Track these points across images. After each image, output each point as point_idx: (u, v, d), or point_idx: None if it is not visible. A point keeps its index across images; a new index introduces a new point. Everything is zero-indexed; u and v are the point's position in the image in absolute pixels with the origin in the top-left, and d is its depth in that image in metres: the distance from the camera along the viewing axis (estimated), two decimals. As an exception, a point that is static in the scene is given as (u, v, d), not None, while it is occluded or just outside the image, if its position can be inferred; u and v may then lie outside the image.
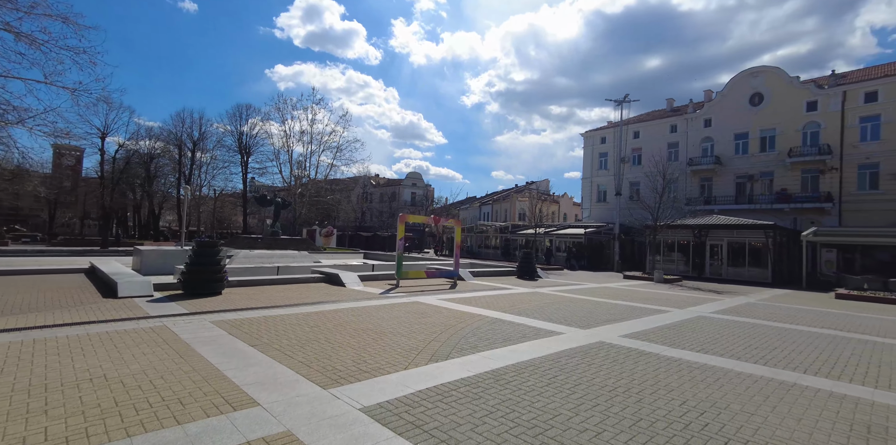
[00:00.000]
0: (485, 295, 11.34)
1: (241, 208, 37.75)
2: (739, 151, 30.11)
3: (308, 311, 7.95)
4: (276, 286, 11.30)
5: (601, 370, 5.01)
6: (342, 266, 16.42)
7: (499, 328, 7.16)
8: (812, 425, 3.65)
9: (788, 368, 5.44)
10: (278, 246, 23.75)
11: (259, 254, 20.66)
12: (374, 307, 8.74)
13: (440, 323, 7.39)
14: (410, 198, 52.72)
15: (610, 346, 6.22)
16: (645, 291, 14.44)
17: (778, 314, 10.38)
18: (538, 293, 12.52)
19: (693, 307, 10.91)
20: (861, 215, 24.89)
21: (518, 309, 9.34)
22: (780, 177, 28.09)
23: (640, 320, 8.60)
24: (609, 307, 10.25)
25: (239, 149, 34.74)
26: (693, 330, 7.74)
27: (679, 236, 23.51)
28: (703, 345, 6.56)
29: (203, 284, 9.32)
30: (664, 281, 18.00)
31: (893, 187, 24.18)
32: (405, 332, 6.53)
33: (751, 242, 20.98)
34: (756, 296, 14.26)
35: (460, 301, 10.16)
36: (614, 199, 29.73)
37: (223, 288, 9.78)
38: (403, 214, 13.02)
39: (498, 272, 18.27)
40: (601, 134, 38.04)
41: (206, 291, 9.38)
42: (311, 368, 4.59)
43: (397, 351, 5.41)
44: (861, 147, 25.57)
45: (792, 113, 28.21)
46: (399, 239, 12.70)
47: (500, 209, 53.22)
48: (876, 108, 25.41)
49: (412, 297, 10.36)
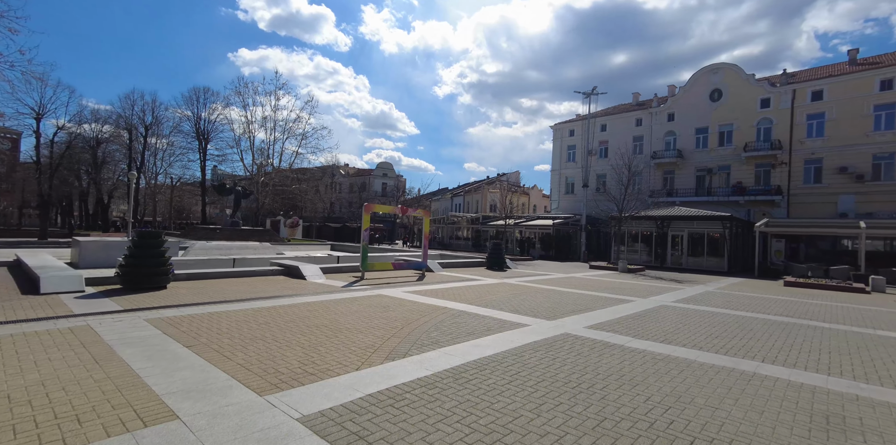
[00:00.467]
0: (452, 287, 11.05)
1: (200, 197, 35.60)
2: (700, 145, 31.12)
3: (260, 306, 7.36)
4: (230, 279, 10.55)
5: (565, 364, 4.79)
6: (304, 258, 15.71)
7: (464, 321, 6.86)
8: (774, 417, 3.55)
9: (748, 357, 5.43)
10: (238, 238, 22.59)
11: (217, 246, 19.54)
12: (333, 301, 8.24)
13: (402, 317, 7.01)
14: (381, 188, 51.63)
15: (575, 338, 6.05)
16: (610, 281, 14.61)
17: (734, 302, 10.67)
18: (506, 284, 12.37)
19: (656, 296, 11.05)
20: (806, 207, 26.37)
21: (485, 300, 9.09)
22: (736, 170, 29.28)
23: (606, 310, 8.55)
24: (575, 297, 10.19)
25: (196, 135, 32.51)
26: (656, 320, 7.74)
27: (643, 227, 24.10)
28: (667, 335, 6.51)
29: (144, 278, 8.50)
30: (628, 271, 18.36)
31: (835, 181, 25.69)
32: (363, 328, 6.11)
33: (709, 233, 21.76)
34: (714, 285, 14.72)
35: (427, 293, 9.81)
36: (582, 191, 30.13)
37: (168, 282, 8.99)
38: (369, 204, 12.46)
39: (467, 263, 18.06)
40: (570, 126, 38.40)
41: (148, 286, 8.57)
42: (251, 371, 4.10)
43: (351, 350, 4.99)
44: (807, 143, 26.96)
45: (747, 109, 29.35)
46: (364, 230, 12.16)
47: (472, 200, 53.15)
48: (821, 107, 26.78)
49: (376, 290, 9.92)
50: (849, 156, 25.43)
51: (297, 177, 44.81)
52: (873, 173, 24.74)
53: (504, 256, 17.74)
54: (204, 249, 18.58)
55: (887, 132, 24.52)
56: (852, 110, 25.62)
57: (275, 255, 18.28)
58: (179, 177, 38.75)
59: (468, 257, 20.52)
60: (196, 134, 32.47)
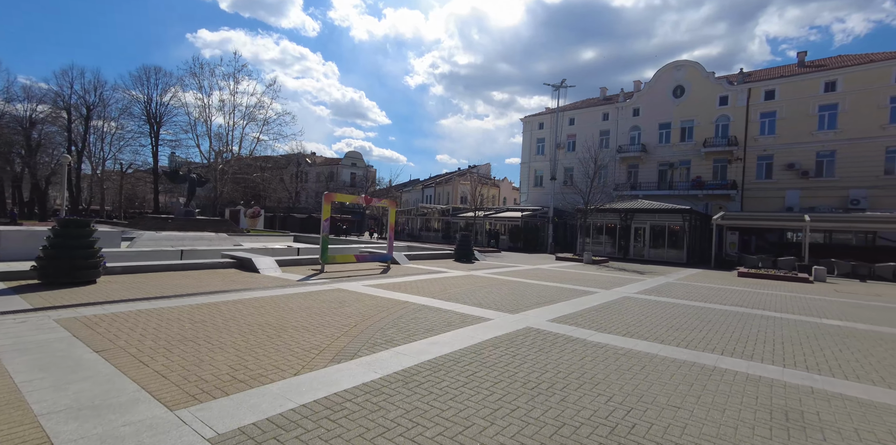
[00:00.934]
0: (417, 280, 10.65)
1: (152, 185, 33.13)
2: (663, 140, 31.96)
3: (200, 303, 6.68)
4: (174, 272, 9.67)
5: (525, 362, 4.50)
6: (261, 249, 14.85)
7: (424, 316, 6.48)
8: (736, 416, 3.38)
9: (708, 350, 5.35)
10: (193, 228, 21.22)
11: (168, 237, 18.25)
12: (285, 296, 7.65)
13: (358, 313, 6.54)
14: (350, 178, 50.19)
15: (537, 333, 5.80)
16: (575, 272, 14.66)
17: (693, 293, 10.86)
18: (472, 276, 12.10)
19: (619, 287, 11.10)
20: (757, 201, 27.69)
21: (449, 293, 8.75)
22: (696, 165, 30.30)
23: (569, 302, 8.41)
24: (540, 289, 10.04)
25: (147, 118, 29.97)
26: (619, 312, 7.65)
27: (607, 219, 24.53)
28: (629, 328, 6.39)
29: (67, 271, 7.57)
30: (593, 263, 18.59)
31: (783, 177, 27.06)
32: (312, 326, 5.61)
33: (670, 225, 22.40)
34: (674, 276, 15.08)
35: (389, 287, 9.36)
36: (550, 184, 30.35)
37: (98, 276, 8.08)
38: (329, 193, 11.78)
39: (435, 255, 17.70)
40: (539, 119, 38.52)
41: (71, 280, 7.65)
42: (168, 380, 3.54)
43: (294, 352, 4.50)
44: (760, 140, 28.20)
45: (707, 106, 30.32)
46: (324, 220, 11.50)
47: (443, 192, 52.73)
48: (773, 105, 28.01)
49: (335, 284, 9.37)
50: (796, 153, 26.80)
51: (261, 166, 42.81)
52: (816, 169, 26.21)
53: (472, 248, 17.49)
54: (153, 240, 17.27)
55: (829, 131, 25.97)
56: (800, 110, 26.94)
57: (231, 246, 17.25)
58: (130, 164, 35.97)
59: (437, 249, 20.17)
60: (147, 117, 29.94)
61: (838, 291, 12.67)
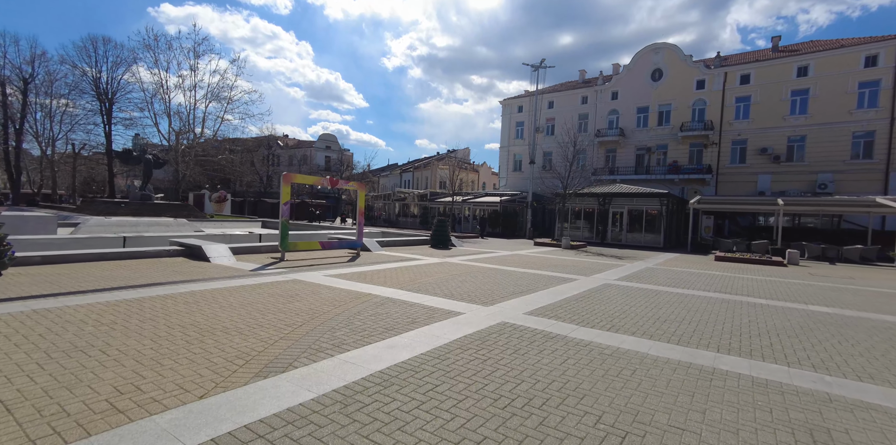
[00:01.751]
0: (386, 268, 9.78)
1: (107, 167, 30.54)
2: (641, 124, 31.60)
3: (122, 299, 5.63)
4: (108, 262, 8.46)
5: (498, 368, 3.74)
6: (219, 236, 13.61)
7: (386, 312, 5.64)
8: (754, 439, 2.71)
9: (702, 346, 4.74)
10: (149, 213, 19.61)
11: (119, 222, 16.68)
12: (229, 289, 6.65)
13: (310, 308, 5.64)
14: (325, 162, 48.17)
15: (513, 329, 5.07)
16: (553, 258, 14.10)
17: (675, 279, 10.42)
18: (447, 263, 11.31)
19: (599, 274, 10.54)
20: (731, 185, 27.84)
21: (419, 283, 7.93)
22: (672, 149, 30.14)
23: (548, 291, 7.74)
24: (518, 277, 9.35)
25: (97, 95, 27.08)
26: (601, 302, 7.02)
27: (585, 204, 24.12)
28: (613, 320, 5.74)
29: (-38, 265, 6.33)
30: (571, 248, 18.14)
31: (756, 161, 27.19)
32: (249, 326, 4.68)
33: (647, 210, 22.14)
34: (652, 261, 14.73)
35: (353, 276, 8.46)
36: (529, 168, 29.65)
37: (4, 268, 6.84)
38: (288, 173, 10.61)
39: (410, 241, 16.82)
40: (518, 102, 37.53)
41: (-30, 275, 6.41)
42: (10, 417, 2.58)
43: (213, 362, 3.58)
44: (735, 124, 28.15)
45: (685, 90, 29.98)
46: (283, 204, 10.38)
47: (422, 177, 51.48)
48: (748, 90, 27.88)
49: (292, 274, 8.39)
50: (768, 137, 26.88)
51: (229, 148, 40.46)
52: (787, 154, 26.40)
53: (448, 234, 16.70)
54: (100, 226, 15.71)
55: (801, 116, 26.07)
56: (773, 94, 26.90)
57: (192, 232, 15.90)
58: (84, 144, 33.05)
59: (412, 235, 19.28)
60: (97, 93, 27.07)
61: (813, 274, 12.55)
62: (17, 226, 11.61)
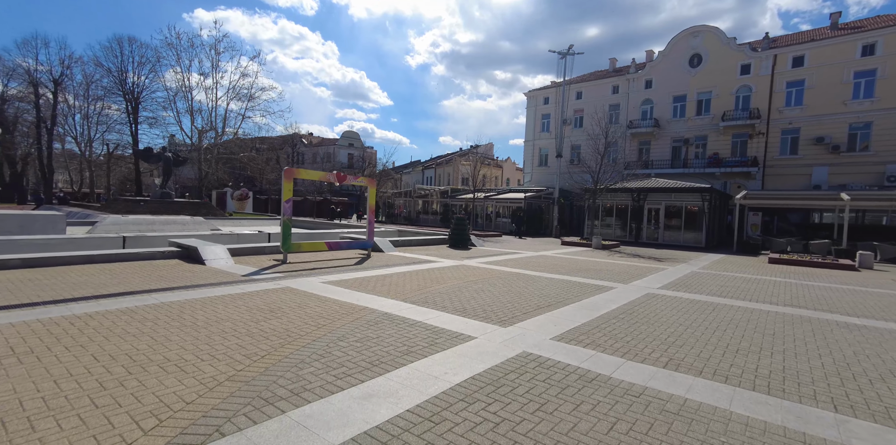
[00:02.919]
0: (395, 273, 8.70)
1: (134, 166, 30.92)
2: (677, 114, 29.20)
3: (70, 314, 4.75)
4: (93, 265, 7.78)
5: (516, 442, 2.53)
6: (226, 236, 12.95)
7: (378, 334, 4.53)
8: None
9: (807, 397, 3.34)
10: (167, 211, 19.40)
11: (135, 220, 16.44)
12: (205, 300, 5.71)
13: (285, 329, 4.60)
14: (347, 159, 47.82)
15: (538, 365, 3.83)
16: (584, 260, 12.64)
17: (730, 287, 8.82)
18: (464, 267, 10.12)
19: (638, 280, 9.07)
20: (780, 179, 25.17)
21: (428, 293, 6.79)
22: (712, 141, 27.65)
23: (581, 304, 6.42)
24: (543, 284, 8.05)
25: (123, 93, 27.46)
26: (648, 320, 5.65)
27: (617, 200, 22.28)
28: (669, 350, 4.40)
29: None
30: (603, 248, 16.54)
31: (811, 152, 24.41)
32: (197, 358, 3.66)
33: (687, 206, 20.12)
34: (697, 264, 13.00)
35: (354, 283, 7.41)
36: (555, 163, 27.92)
37: (-29, 277, 6.19)
38: (290, 168, 9.66)
39: (427, 240, 15.72)
40: (544, 94, 35.66)
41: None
42: None
43: (108, 425, 2.55)
44: (785, 112, 25.40)
45: (727, 76, 27.37)
46: (285, 201, 9.46)
47: (444, 173, 50.36)
48: (801, 73, 25.06)
49: (288, 280, 7.43)
50: (826, 125, 24.05)
51: (256, 147, 40.65)
52: (848, 144, 23.54)
53: (468, 233, 15.49)
54: (116, 225, 15.47)
55: (865, 100, 23.13)
56: (832, 77, 24.01)
57: (206, 231, 15.43)
58: (117, 144, 33.83)
59: (430, 234, 18.18)
60: (122, 92, 27.45)
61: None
62: (24, 225, 11.29)
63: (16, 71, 25.92)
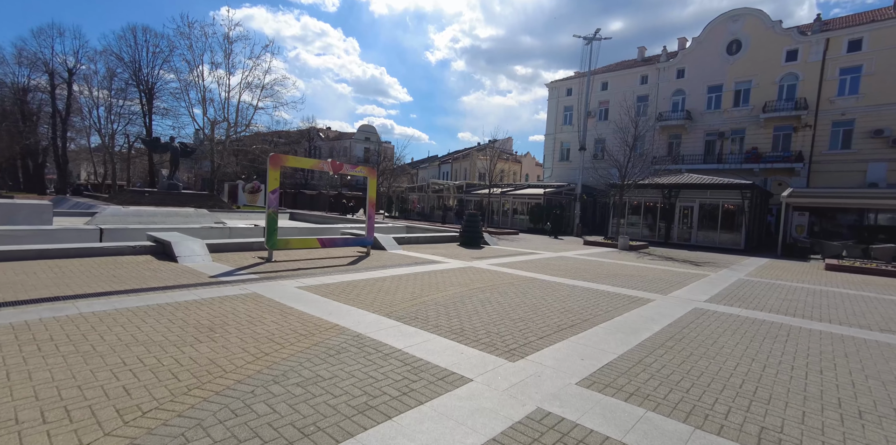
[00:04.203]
0: (390, 276, 7.43)
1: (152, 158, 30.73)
2: (712, 106, 26.80)
3: (-43, 330, 3.66)
4: (45, 261, 6.79)
5: None
6: (219, 229, 11.98)
7: (333, 373, 3.23)
8: None
9: None
10: (172, 203, 18.71)
11: (136, 212, 15.73)
12: (139, 311, 4.55)
13: (211, 359, 3.35)
14: (363, 153, 46.99)
15: (559, 437, 2.45)
16: (610, 263, 11.06)
17: (792, 300, 7.14)
18: (472, 269, 8.77)
19: (679, 290, 7.50)
20: (828, 176, 22.64)
21: (421, 303, 5.48)
22: (751, 134, 25.20)
23: (614, 323, 4.98)
24: (564, 294, 6.61)
25: (137, 83, 27.05)
26: (707, 354, 4.16)
27: (647, 197, 20.38)
28: (754, 411, 2.93)
29: None
30: (630, 249, 14.84)
31: (867, 146, 21.78)
32: (40, 416, 2.45)
33: (724, 204, 18.09)
34: (741, 269, 11.23)
35: (337, 289, 6.17)
36: (577, 157, 26.06)
37: None
38: (276, 154, 8.46)
39: (437, 238, 14.39)
40: (567, 85, 33.62)
41: None
42: None
43: None
44: (838, 102, 22.76)
45: (770, 63, 24.81)
46: (270, 192, 8.28)
47: (460, 168, 48.88)
48: (858, 58, 22.34)
49: (260, 284, 6.25)
50: (886, 116, 21.37)
51: (273, 140, 40.20)
52: (912, 137, 20.84)
53: (481, 230, 14.11)
54: (116, 216, 14.79)
55: (933, 89, 20.38)
56: (895, 62, 21.26)
57: (210, 224, 14.59)
58: (137, 137, 33.83)
59: (442, 230, 16.83)
60: (136, 83, 27.04)
61: None
62: (7, 215, 10.57)
63: (36, 63, 25.90)
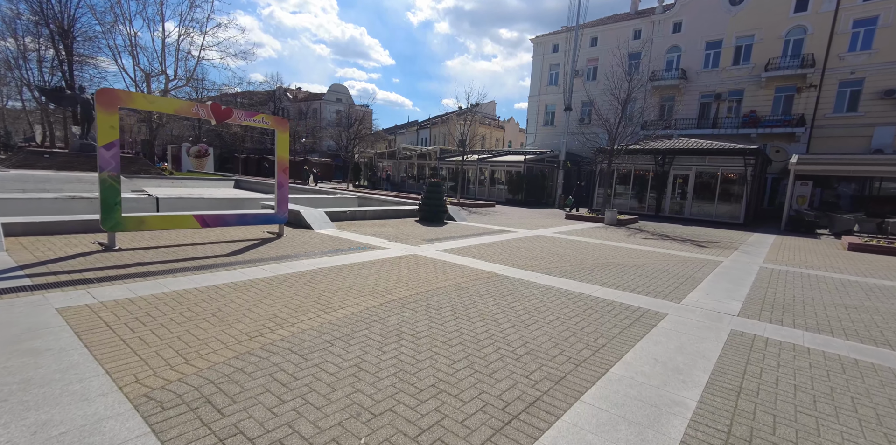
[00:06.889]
0: (268, 277, 4.87)
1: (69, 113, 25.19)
2: (709, 64, 23.85)
3: None
4: None
5: None
6: (83, 201, 9.06)
7: None
8: None
9: None
10: (79, 166, 15.31)
11: (19, 177, 12.52)
12: None
13: None
14: (335, 116, 42.65)
15: None
16: (597, 244, 8.71)
17: (855, 306, 4.92)
18: (412, 259, 6.26)
19: (694, 292, 5.18)
20: (830, 141, 20.48)
21: (259, 350, 2.95)
22: (750, 96, 22.57)
23: (606, 392, 2.58)
24: (535, 304, 4.18)
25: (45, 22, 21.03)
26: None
27: (637, 164, 17.93)
28: None
29: None
30: (618, 224, 12.56)
31: (875, 108, 19.49)
32: None
33: (724, 172, 15.80)
34: (752, 251, 9.04)
35: (124, 313, 3.57)
36: (563, 121, 23.20)
37: None
38: (107, 89, 5.46)
39: (389, 213, 11.71)
40: (554, 40, 29.86)
41: None
42: None
43: None
44: (847, 59, 20.13)
45: (777, 14, 21.72)
46: (102, 148, 5.39)
47: (439, 134, 45.27)
48: (875, 8, 19.47)
49: (22, 298, 3.60)
50: (899, 75, 18.94)
51: (237, 101, 35.64)
52: (925, 99, 18.61)
53: (444, 203, 11.51)
54: (-9, 185, 11.58)
55: (955, 44, 17.88)
56: (916, 13, 18.53)
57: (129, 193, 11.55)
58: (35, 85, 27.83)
59: (402, 203, 14.08)
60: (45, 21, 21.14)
61: None
62: None
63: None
